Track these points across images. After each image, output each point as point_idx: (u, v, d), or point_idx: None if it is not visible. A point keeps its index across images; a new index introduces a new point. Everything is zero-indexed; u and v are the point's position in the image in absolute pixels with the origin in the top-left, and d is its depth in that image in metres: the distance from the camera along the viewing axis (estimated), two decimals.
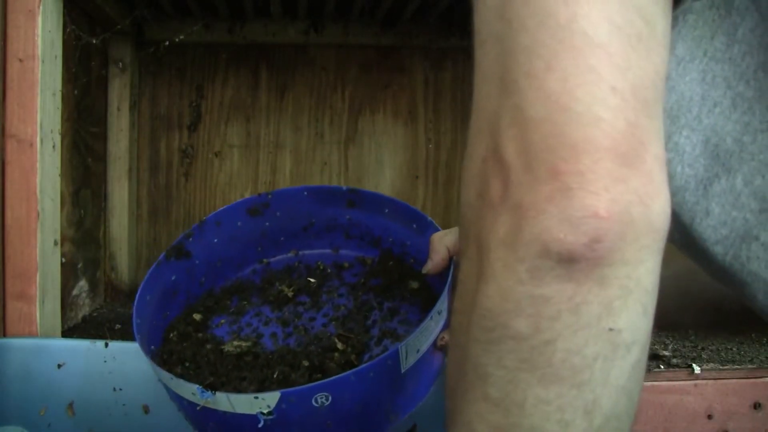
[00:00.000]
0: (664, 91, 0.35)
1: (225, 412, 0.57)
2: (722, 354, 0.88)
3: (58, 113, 0.84)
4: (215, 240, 0.82)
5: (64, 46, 0.86)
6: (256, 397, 0.55)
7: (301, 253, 0.87)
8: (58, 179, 0.84)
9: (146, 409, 0.75)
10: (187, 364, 0.69)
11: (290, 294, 0.80)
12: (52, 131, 0.82)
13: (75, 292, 1.05)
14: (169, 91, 1.28)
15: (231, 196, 1.30)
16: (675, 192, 0.40)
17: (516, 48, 0.34)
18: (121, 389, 0.75)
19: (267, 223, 0.84)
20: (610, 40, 0.32)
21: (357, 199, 0.83)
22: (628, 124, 0.33)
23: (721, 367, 0.82)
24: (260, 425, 0.56)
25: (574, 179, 0.32)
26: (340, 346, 0.68)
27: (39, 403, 0.74)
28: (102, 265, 1.18)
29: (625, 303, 0.33)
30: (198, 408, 0.57)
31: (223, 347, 0.70)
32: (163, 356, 0.71)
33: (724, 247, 0.40)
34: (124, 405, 0.75)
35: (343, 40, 1.27)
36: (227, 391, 0.61)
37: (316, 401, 0.55)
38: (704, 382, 0.79)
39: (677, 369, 0.81)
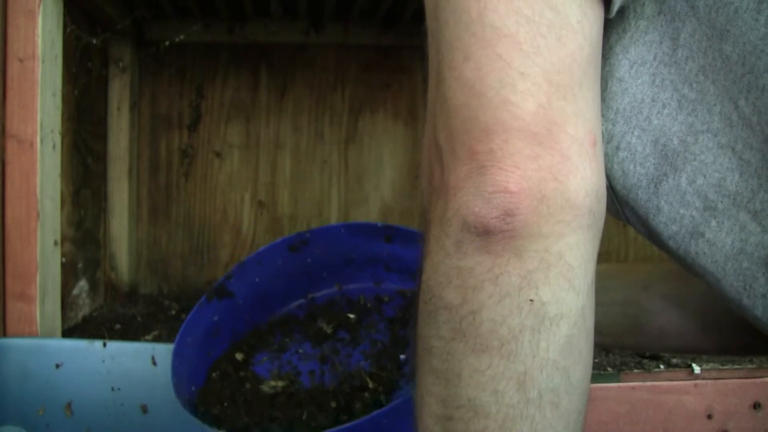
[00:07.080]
0: (588, 76, 0.37)
1: None
2: None
3: (58, 113, 0.84)
4: (257, 279, 0.84)
5: (64, 46, 0.86)
6: None
7: (344, 287, 0.89)
8: (58, 179, 0.84)
9: (144, 409, 0.75)
10: (225, 404, 0.70)
11: (329, 331, 0.81)
12: (52, 131, 0.82)
13: (75, 292, 1.05)
14: (169, 91, 1.28)
15: (231, 196, 1.30)
16: (630, 189, 0.42)
17: (442, 43, 0.38)
18: (119, 389, 0.75)
19: (309, 260, 0.86)
20: (518, 30, 0.35)
21: (393, 234, 0.85)
22: (538, 106, 0.35)
23: (721, 367, 0.81)
24: None
25: (486, 158, 0.35)
26: (371, 384, 0.70)
27: (37, 403, 0.74)
28: (102, 265, 1.19)
29: (547, 276, 0.34)
30: None
31: (261, 386, 0.72)
32: (203, 396, 0.72)
33: (676, 243, 0.42)
34: (122, 405, 0.75)
35: (343, 40, 1.27)
36: None
37: None
38: (704, 382, 0.79)
39: (677, 369, 0.81)
